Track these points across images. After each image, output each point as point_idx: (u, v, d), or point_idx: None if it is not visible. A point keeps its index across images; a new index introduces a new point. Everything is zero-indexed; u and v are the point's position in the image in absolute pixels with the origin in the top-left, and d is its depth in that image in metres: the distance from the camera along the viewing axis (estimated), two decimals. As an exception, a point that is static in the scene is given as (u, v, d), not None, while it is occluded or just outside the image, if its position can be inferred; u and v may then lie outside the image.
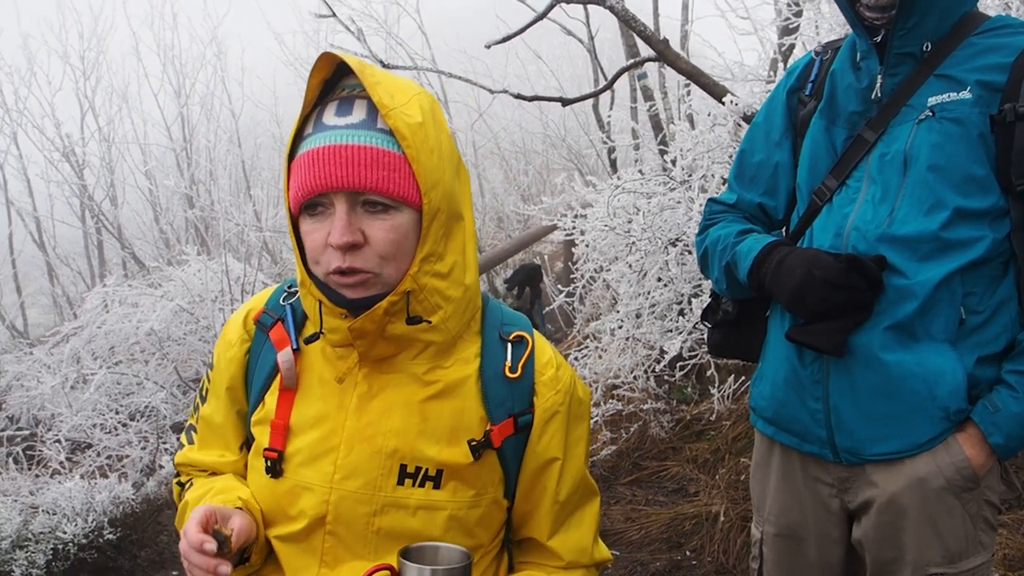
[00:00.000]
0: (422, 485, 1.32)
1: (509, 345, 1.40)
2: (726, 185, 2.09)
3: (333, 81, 1.29)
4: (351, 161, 1.20)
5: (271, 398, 1.37)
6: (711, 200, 2.09)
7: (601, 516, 1.60)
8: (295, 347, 1.36)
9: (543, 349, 1.44)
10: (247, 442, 1.45)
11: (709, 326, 2.10)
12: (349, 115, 1.24)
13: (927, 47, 1.69)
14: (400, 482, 1.32)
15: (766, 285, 1.77)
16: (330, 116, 1.25)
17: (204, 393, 1.49)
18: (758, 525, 2.01)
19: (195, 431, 1.50)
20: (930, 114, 1.66)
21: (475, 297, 1.39)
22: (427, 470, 1.32)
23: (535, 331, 1.47)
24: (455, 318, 1.34)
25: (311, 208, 1.25)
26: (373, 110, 1.24)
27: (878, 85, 1.74)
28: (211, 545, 1.18)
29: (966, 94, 1.64)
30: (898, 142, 1.71)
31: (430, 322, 1.30)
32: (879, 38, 1.72)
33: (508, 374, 1.37)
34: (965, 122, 1.64)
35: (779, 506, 1.93)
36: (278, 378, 1.37)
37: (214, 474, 1.46)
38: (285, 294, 1.44)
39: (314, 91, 1.27)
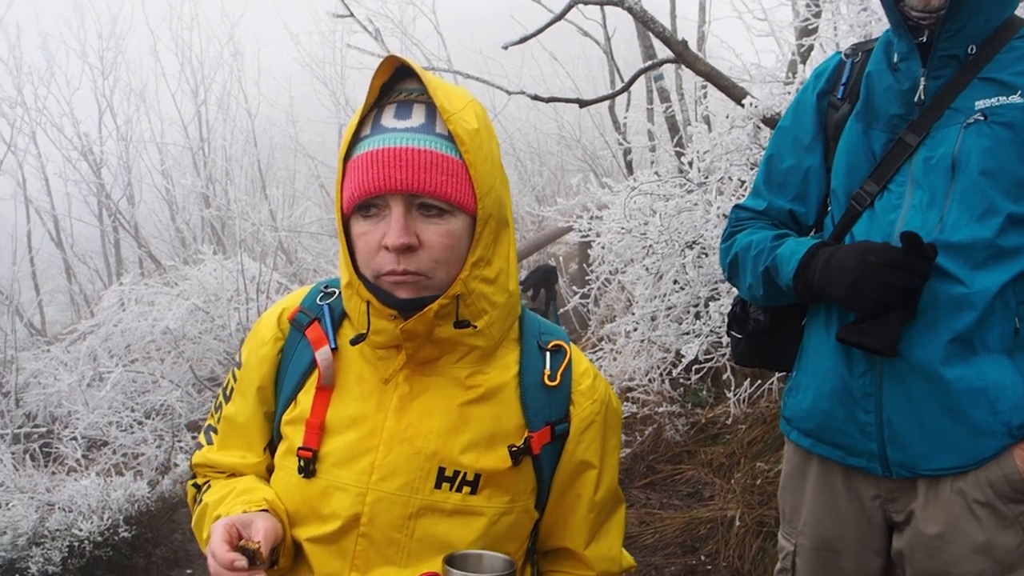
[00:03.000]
0: (459, 490, 1.32)
1: (548, 354, 1.41)
2: (751, 190, 2.04)
3: (389, 84, 1.29)
4: (410, 164, 1.21)
5: (305, 397, 1.36)
6: (737, 207, 2.04)
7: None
8: (333, 346, 1.36)
9: (580, 359, 1.44)
10: (271, 444, 1.44)
11: (738, 336, 2.04)
12: (408, 118, 1.25)
13: (972, 49, 1.66)
14: (438, 485, 1.31)
15: (815, 285, 1.72)
16: (389, 119, 1.26)
17: (228, 392, 1.47)
18: (789, 537, 1.96)
19: (215, 432, 1.48)
20: (981, 118, 1.63)
21: (516, 304, 1.40)
22: (465, 475, 1.32)
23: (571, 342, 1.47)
24: (499, 324, 1.35)
25: (365, 209, 1.26)
26: (431, 115, 1.26)
27: (921, 87, 1.70)
28: (242, 562, 1.18)
29: (1016, 98, 1.62)
30: (943, 146, 1.67)
31: (476, 327, 1.30)
32: (923, 39, 1.69)
33: (547, 382, 1.38)
34: (1017, 126, 1.61)
35: (815, 518, 1.89)
36: (313, 377, 1.37)
37: (233, 476, 1.44)
38: (321, 294, 1.43)
39: (374, 93, 1.28)
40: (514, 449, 1.33)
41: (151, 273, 9.99)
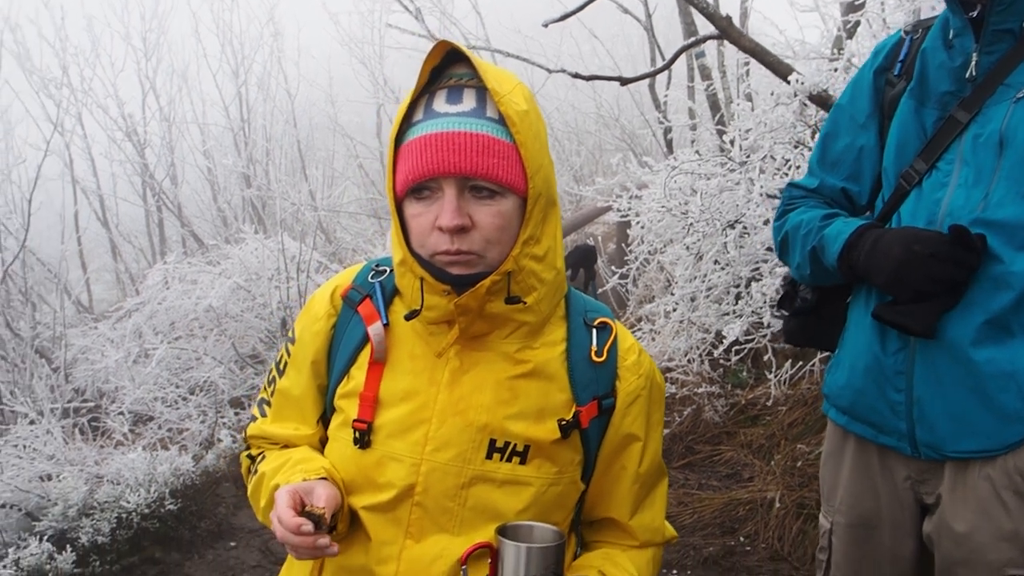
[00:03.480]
0: (509, 460, 1.35)
1: (594, 331, 1.44)
2: (808, 169, 2.02)
3: (439, 69, 1.32)
4: (462, 148, 1.25)
5: (358, 371, 1.40)
6: (791, 184, 2.02)
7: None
8: (385, 322, 1.40)
9: (625, 336, 1.47)
10: (323, 417, 1.47)
11: (786, 314, 2.04)
12: (460, 103, 1.28)
13: None
14: (489, 456, 1.34)
15: (859, 268, 1.70)
16: (441, 104, 1.29)
17: (282, 366, 1.51)
18: (827, 515, 1.95)
19: (268, 404, 1.52)
20: None
21: (563, 282, 1.43)
22: (515, 445, 1.35)
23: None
24: (547, 300, 1.38)
25: (418, 191, 1.29)
26: (481, 99, 1.29)
27: (972, 64, 1.65)
28: (308, 527, 1.21)
29: None
30: (993, 123, 1.62)
31: (525, 303, 1.34)
32: (975, 13, 1.64)
33: (594, 358, 1.41)
34: None
35: (852, 496, 1.87)
36: (366, 352, 1.40)
37: (286, 447, 1.48)
38: (373, 272, 1.47)
39: (425, 77, 1.31)
40: (563, 423, 1.36)
41: (194, 252, 10.15)
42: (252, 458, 1.51)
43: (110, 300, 10.94)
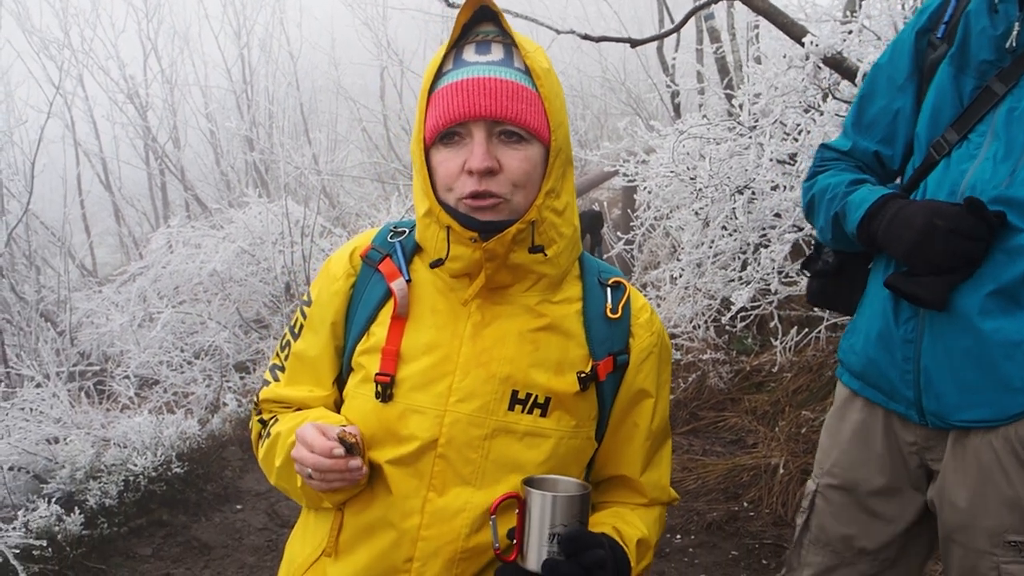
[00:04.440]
0: (530, 412, 1.39)
1: (608, 289, 1.49)
2: (842, 132, 1.98)
3: (468, 27, 1.38)
4: (493, 92, 1.30)
5: (379, 328, 1.42)
6: (823, 146, 1.99)
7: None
8: (407, 278, 1.43)
9: (637, 295, 1.53)
10: (339, 379, 1.49)
11: (808, 275, 2.05)
12: (489, 54, 1.34)
13: None
14: (511, 407, 1.38)
15: (878, 238, 1.69)
16: (470, 54, 1.35)
17: (297, 329, 1.53)
18: (816, 478, 1.98)
19: (281, 369, 1.54)
20: None
21: (579, 240, 1.48)
22: (536, 397, 1.39)
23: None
24: (566, 254, 1.42)
25: (448, 137, 1.33)
26: (509, 52, 1.35)
27: (1015, 33, 1.60)
28: (340, 450, 1.25)
29: None
30: None
31: (547, 254, 1.38)
32: None
33: (609, 315, 1.46)
34: None
35: (848, 459, 1.89)
36: (387, 308, 1.43)
37: (300, 410, 1.49)
38: (392, 233, 1.51)
39: (457, 32, 1.36)
40: (582, 375, 1.41)
41: (197, 216, 10.11)
42: (264, 423, 1.52)
43: (114, 264, 10.93)
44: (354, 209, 10.95)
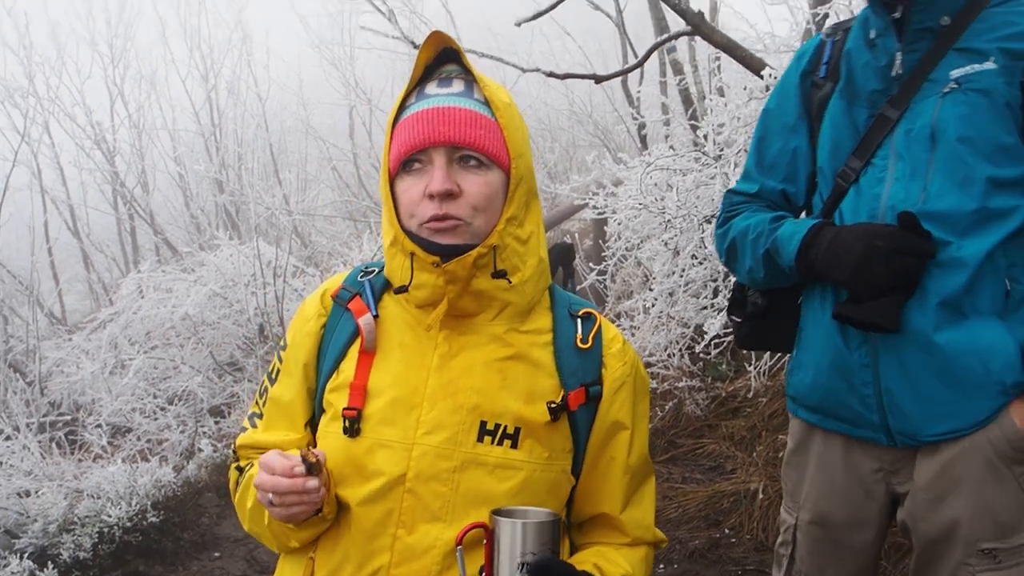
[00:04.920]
0: (500, 443, 1.38)
1: (579, 320, 1.49)
2: (743, 175, 2.06)
3: (433, 67, 1.43)
4: (452, 120, 1.35)
5: (348, 364, 1.43)
6: (730, 191, 2.07)
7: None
8: (375, 314, 1.44)
9: (609, 326, 1.52)
10: (311, 422, 1.48)
11: (738, 320, 2.07)
12: (449, 87, 1.40)
13: (945, 21, 1.68)
14: (480, 439, 1.37)
15: (817, 266, 1.73)
16: (432, 88, 1.41)
17: (275, 374, 1.53)
18: (791, 511, 1.99)
19: (259, 417, 1.54)
20: (955, 86, 1.65)
21: (547, 271, 1.49)
22: (505, 427, 1.38)
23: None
24: (531, 283, 1.44)
25: (409, 165, 1.37)
26: (470, 86, 1.40)
27: (898, 62, 1.72)
28: (300, 468, 1.24)
29: (990, 64, 1.63)
30: (923, 117, 1.69)
31: (510, 281, 1.39)
32: (897, 14, 1.70)
33: (580, 345, 1.46)
34: (991, 92, 1.63)
35: (817, 492, 1.91)
36: (356, 345, 1.44)
37: None
38: (362, 273, 1.53)
39: (420, 69, 1.42)
40: (553, 405, 1.39)
41: (168, 260, 10.04)
42: (240, 469, 1.51)
43: (83, 311, 10.80)
44: (326, 248, 10.93)
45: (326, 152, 13.28)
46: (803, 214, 1.97)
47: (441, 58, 1.43)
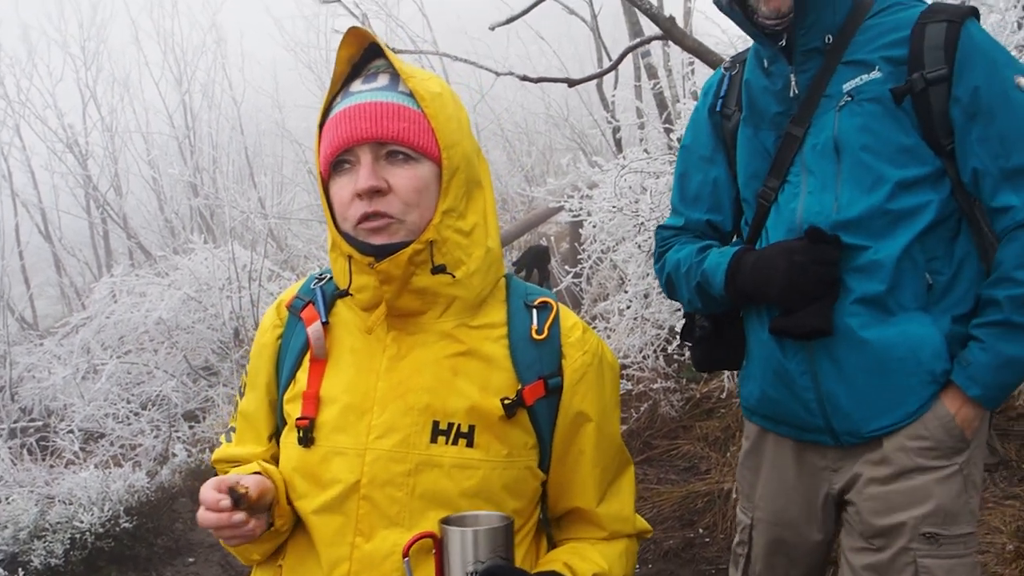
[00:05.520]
0: (455, 443, 1.34)
1: (534, 311, 1.44)
2: (671, 211, 2.15)
3: (360, 65, 1.41)
4: (375, 115, 1.31)
5: (303, 374, 1.42)
6: (660, 228, 2.15)
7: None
8: (324, 320, 1.42)
9: (568, 314, 1.48)
10: (276, 433, 1.47)
11: (690, 344, 2.14)
12: (374, 82, 1.36)
13: (829, 39, 1.77)
14: (434, 439, 1.34)
15: (747, 290, 1.82)
16: (356, 85, 1.38)
17: (243, 388, 1.53)
18: (747, 511, 2.06)
19: (234, 431, 1.54)
20: (849, 99, 1.75)
21: (498, 261, 1.45)
22: (459, 426, 1.35)
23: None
24: (479, 276, 1.40)
25: (339, 166, 1.35)
26: (395, 78, 1.36)
27: (793, 83, 1.82)
28: (226, 502, 1.22)
29: (876, 73, 1.73)
30: (825, 131, 1.78)
31: (454, 276, 1.36)
32: (783, 42, 1.80)
33: (535, 336, 1.41)
34: (882, 99, 1.72)
35: (771, 492, 1.98)
36: (309, 352, 1.42)
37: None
38: (316, 280, 1.50)
39: (343, 64, 1.39)
40: (507, 401, 1.36)
41: (141, 264, 9.96)
42: None
43: (55, 315, 10.67)
44: (302, 251, 10.87)
45: (302, 155, 13.20)
46: (734, 239, 2.06)
47: (368, 54, 1.40)
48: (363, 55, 1.40)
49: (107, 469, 4.81)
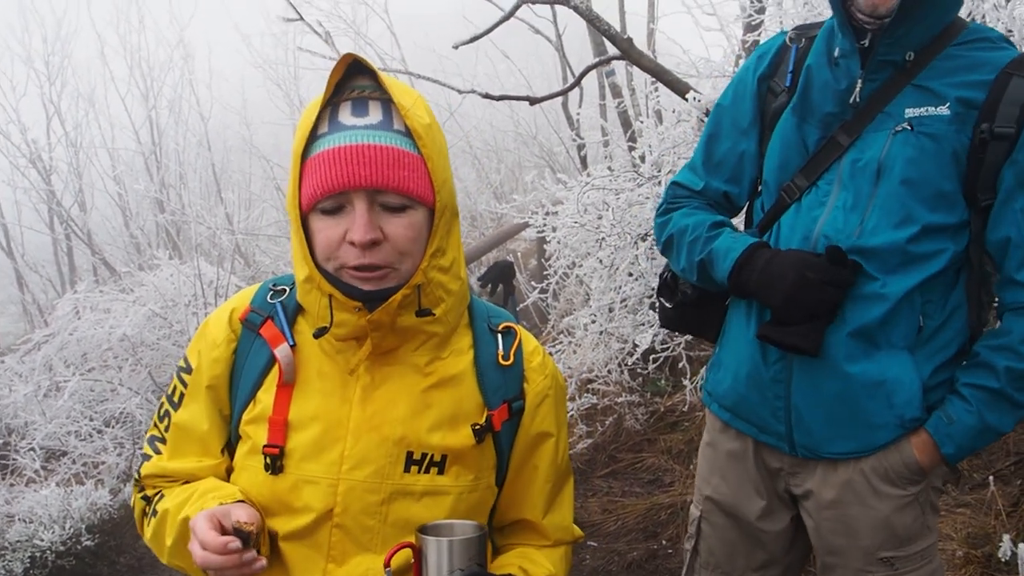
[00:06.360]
0: (427, 471, 1.36)
1: (499, 336, 1.46)
2: (688, 166, 2.07)
3: (342, 82, 1.32)
4: (373, 161, 1.24)
5: (265, 395, 1.37)
6: (674, 183, 2.07)
7: (576, 499, 1.67)
8: (292, 343, 1.37)
9: (528, 339, 1.51)
10: (228, 445, 1.44)
11: (668, 305, 2.10)
12: (366, 116, 1.28)
13: (910, 56, 1.69)
14: (407, 469, 1.35)
15: (750, 287, 1.78)
16: (347, 116, 1.28)
17: (177, 398, 1.45)
18: (698, 504, 2.07)
19: (162, 441, 1.46)
20: (908, 127, 1.68)
21: (466, 291, 1.44)
22: (432, 456, 1.36)
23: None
24: (454, 310, 1.40)
25: (325, 205, 1.27)
26: (387, 111, 1.29)
27: (857, 89, 1.74)
28: (236, 543, 1.18)
29: (944, 110, 1.66)
30: (871, 150, 1.72)
31: (435, 314, 1.34)
32: (866, 43, 1.72)
33: (501, 362, 1.43)
34: (941, 139, 1.66)
35: (726, 485, 1.99)
36: (273, 374, 1.38)
37: (187, 482, 1.42)
38: (271, 292, 1.44)
39: (330, 90, 1.30)
40: (477, 428, 1.38)
41: (106, 280, 9.84)
42: (148, 499, 1.44)
43: (17, 333, 10.50)
44: (270, 267, 10.83)
45: (270, 172, 13.16)
46: (746, 217, 2.03)
47: (351, 71, 1.31)
48: (345, 71, 1.31)
49: (69, 487, 4.76)
